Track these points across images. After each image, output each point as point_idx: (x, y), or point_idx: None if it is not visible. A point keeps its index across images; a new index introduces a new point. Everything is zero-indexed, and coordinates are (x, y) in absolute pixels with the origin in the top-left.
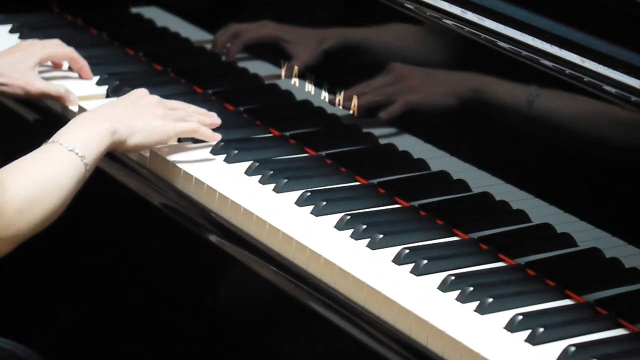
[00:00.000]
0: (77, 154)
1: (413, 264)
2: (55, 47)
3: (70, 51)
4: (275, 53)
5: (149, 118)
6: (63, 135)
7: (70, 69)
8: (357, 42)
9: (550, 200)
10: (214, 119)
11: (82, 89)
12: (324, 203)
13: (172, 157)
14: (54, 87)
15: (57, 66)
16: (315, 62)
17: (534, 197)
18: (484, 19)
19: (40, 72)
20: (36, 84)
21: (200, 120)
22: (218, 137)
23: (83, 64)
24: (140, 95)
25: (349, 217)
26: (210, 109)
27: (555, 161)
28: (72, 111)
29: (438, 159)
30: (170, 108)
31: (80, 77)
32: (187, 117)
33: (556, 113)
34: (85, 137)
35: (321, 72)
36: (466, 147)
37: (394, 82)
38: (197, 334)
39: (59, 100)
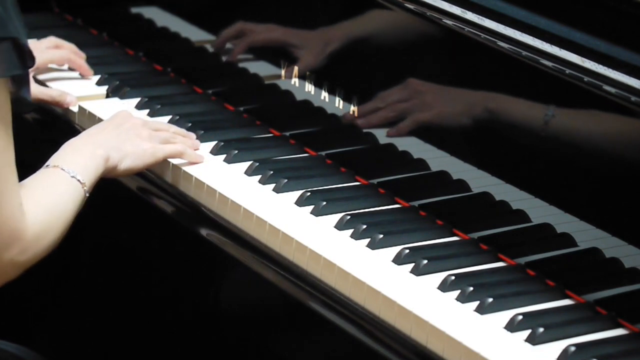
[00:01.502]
0: (78, 180)
1: (413, 264)
2: (51, 54)
3: (66, 54)
4: (275, 53)
5: (137, 141)
6: (63, 161)
7: (70, 67)
8: (357, 43)
9: (550, 200)
10: (195, 141)
11: (82, 89)
12: (324, 203)
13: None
14: (47, 92)
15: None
16: (321, 65)
17: (534, 197)
18: (484, 19)
19: (40, 72)
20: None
21: (182, 142)
22: (202, 159)
23: (81, 63)
24: (124, 118)
25: (349, 217)
26: (210, 109)
27: (555, 161)
28: (72, 112)
29: (438, 159)
30: (155, 129)
31: (81, 75)
32: (171, 139)
33: (556, 114)
34: (84, 163)
35: (321, 72)
36: (466, 147)
37: (396, 89)
38: (196, 334)
39: (54, 104)
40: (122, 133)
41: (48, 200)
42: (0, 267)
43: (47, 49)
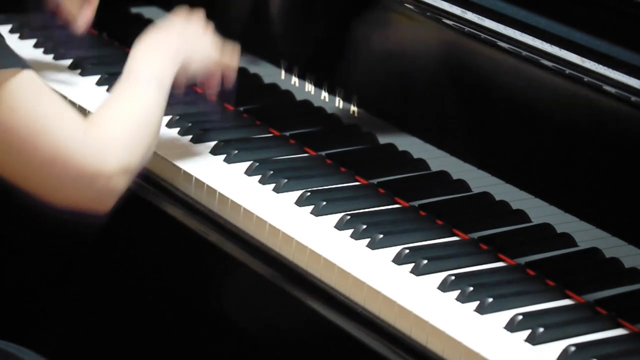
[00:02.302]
0: (155, 82)
1: (413, 264)
2: None
3: None
4: (274, 53)
5: (200, 41)
6: (137, 66)
7: (70, 68)
8: (357, 42)
9: (550, 200)
10: None
11: (81, 89)
12: (324, 203)
13: (172, 157)
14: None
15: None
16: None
17: (534, 197)
18: (484, 19)
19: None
20: None
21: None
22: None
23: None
24: (184, 21)
25: (349, 217)
26: (210, 109)
27: (555, 161)
28: None
29: (438, 159)
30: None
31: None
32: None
33: (556, 113)
34: (158, 65)
35: (321, 72)
36: (466, 147)
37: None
38: (196, 334)
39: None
40: (187, 34)
41: (128, 114)
42: (103, 190)
43: None
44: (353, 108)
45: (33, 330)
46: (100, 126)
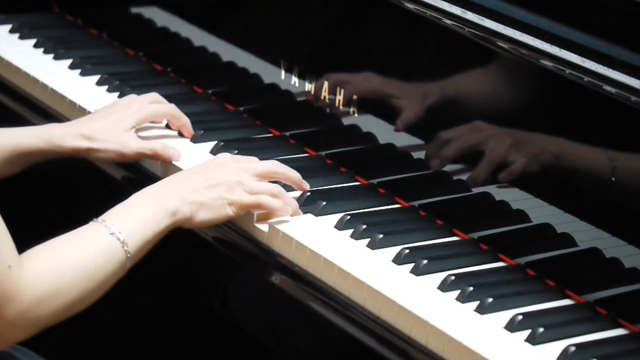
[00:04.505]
0: (118, 239)
1: (413, 264)
2: (154, 107)
3: (170, 109)
4: (274, 53)
5: (219, 191)
6: (115, 214)
7: (70, 68)
8: (357, 42)
9: (550, 200)
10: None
11: (82, 90)
12: (324, 203)
13: None
14: (149, 144)
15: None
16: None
17: (534, 197)
18: (484, 19)
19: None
20: (131, 144)
21: (287, 203)
22: (299, 214)
23: (185, 121)
24: (224, 161)
25: (349, 217)
26: (210, 109)
27: (555, 161)
28: (72, 111)
29: None
30: (257, 174)
31: (180, 135)
32: (276, 193)
33: (556, 113)
34: (141, 218)
35: (321, 72)
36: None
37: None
38: (195, 335)
39: (156, 158)
40: (206, 180)
41: (69, 260)
42: (1, 328)
43: (148, 102)
44: (353, 108)
45: None
46: (30, 260)
